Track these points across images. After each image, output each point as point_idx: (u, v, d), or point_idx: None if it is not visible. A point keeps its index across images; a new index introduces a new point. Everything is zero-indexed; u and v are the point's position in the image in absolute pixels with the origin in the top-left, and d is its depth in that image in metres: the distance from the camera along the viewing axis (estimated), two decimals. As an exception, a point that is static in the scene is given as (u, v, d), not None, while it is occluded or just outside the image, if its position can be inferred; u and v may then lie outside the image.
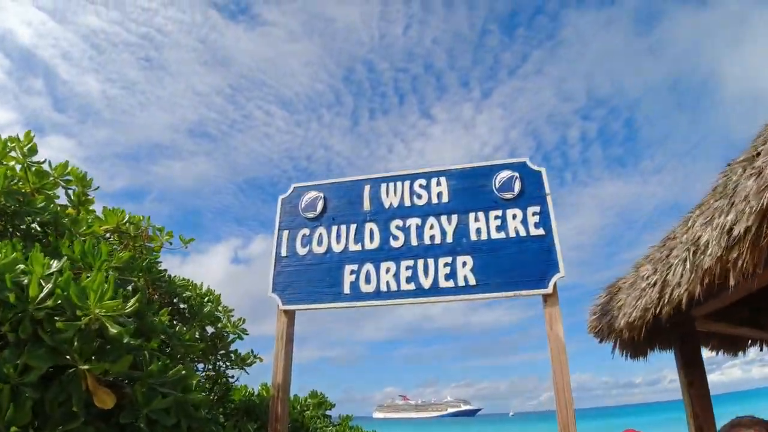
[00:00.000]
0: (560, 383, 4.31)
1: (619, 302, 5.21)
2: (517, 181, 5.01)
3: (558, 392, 4.30)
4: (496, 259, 4.73)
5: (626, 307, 5.01)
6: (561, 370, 4.35)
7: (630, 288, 5.14)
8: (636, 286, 5.03)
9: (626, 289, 5.21)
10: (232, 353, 5.98)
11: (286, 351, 5.00)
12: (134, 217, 4.92)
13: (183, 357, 4.64)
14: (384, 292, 4.83)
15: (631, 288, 5.11)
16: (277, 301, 5.14)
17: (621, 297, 5.21)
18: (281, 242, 5.40)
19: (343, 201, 5.42)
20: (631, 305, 4.94)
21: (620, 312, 5.12)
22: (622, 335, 5.29)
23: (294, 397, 6.95)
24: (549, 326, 4.48)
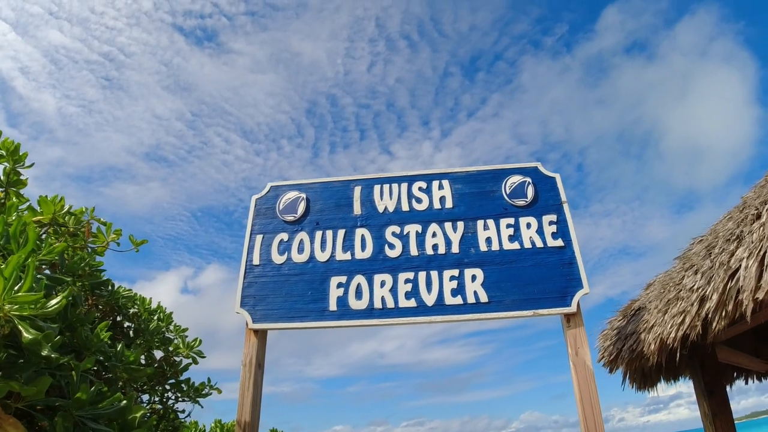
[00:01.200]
0: (591, 421, 3.63)
1: (642, 325, 4.64)
2: (530, 187, 4.43)
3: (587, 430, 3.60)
4: (510, 273, 4.06)
5: (646, 333, 4.44)
6: (591, 403, 3.67)
7: (652, 312, 4.59)
8: (657, 309, 4.50)
9: (647, 312, 4.67)
10: (183, 382, 4.98)
11: (255, 380, 4.09)
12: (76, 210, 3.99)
13: (125, 384, 3.67)
14: (378, 310, 4.05)
15: (652, 312, 4.56)
16: (246, 319, 4.25)
17: (641, 321, 4.65)
18: (253, 248, 4.54)
19: (329, 203, 4.65)
20: (652, 330, 4.38)
21: (640, 337, 4.55)
22: (638, 362, 4.72)
23: None
24: (573, 351, 3.82)
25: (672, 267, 5.06)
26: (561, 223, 4.24)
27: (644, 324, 4.59)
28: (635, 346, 4.64)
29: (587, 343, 3.84)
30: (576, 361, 3.77)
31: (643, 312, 4.79)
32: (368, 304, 4.07)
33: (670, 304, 4.28)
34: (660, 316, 4.33)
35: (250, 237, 4.60)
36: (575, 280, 4.00)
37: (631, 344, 4.75)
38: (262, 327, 4.19)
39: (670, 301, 4.29)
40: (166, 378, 4.98)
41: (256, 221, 4.68)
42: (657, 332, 4.30)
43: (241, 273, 4.44)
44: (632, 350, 4.72)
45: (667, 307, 4.43)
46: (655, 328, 4.31)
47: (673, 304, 4.23)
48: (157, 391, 4.95)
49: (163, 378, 5.00)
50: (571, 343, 3.82)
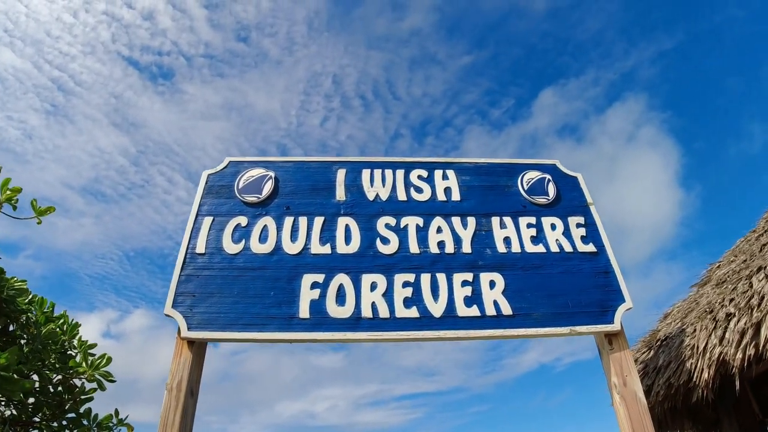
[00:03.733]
0: (648, 478, 2.62)
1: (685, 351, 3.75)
2: (550, 185, 3.56)
3: (644, 493, 2.58)
4: (537, 281, 3.07)
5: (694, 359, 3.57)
6: (647, 454, 2.67)
7: (678, 347, 3.76)
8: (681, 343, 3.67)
9: (687, 337, 3.81)
10: (83, 416, 3.49)
11: (184, 411, 2.75)
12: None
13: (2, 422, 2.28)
14: (367, 320, 2.88)
15: (677, 347, 3.73)
16: (178, 324, 2.95)
17: (683, 348, 3.78)
18: (198, 233, 3.28)
19: (303, 185, 3.52)
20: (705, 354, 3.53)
21: (685, 366, 3.67)
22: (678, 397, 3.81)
23: None
24: (620, 380, 2.84)
25: (692, 293, 4.38)
26: (590, 226, 3.37)
27: (688, 350, 3.74)
28: (676, 378, 3.75)
29: (635, 370, 2.88)
30: (625, 394, 2.79)
31: (678, 338, 3.96)
32: (354, 312, 2.90)
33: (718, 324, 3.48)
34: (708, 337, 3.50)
35: (195, 219, 3.35)
36: (615, 292, 3.08)
37: (669, 376, 3.87)
38: (200, 337, 2.90)
39: (719, 322, 3.50)
40: (64, 410, 3.50)
41: (205, 200, 3.45)
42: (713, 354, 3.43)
43: (179, 264, 3.15)
44: (670, 384, 3.84)
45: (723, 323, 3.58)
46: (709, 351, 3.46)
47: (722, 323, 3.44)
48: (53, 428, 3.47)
49: (60, 410, 3.51)
50: (616, 371, 2.85)
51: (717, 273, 4.36)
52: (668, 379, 3.92)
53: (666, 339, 4.10)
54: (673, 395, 3.86)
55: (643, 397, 2.80)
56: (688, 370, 3.64)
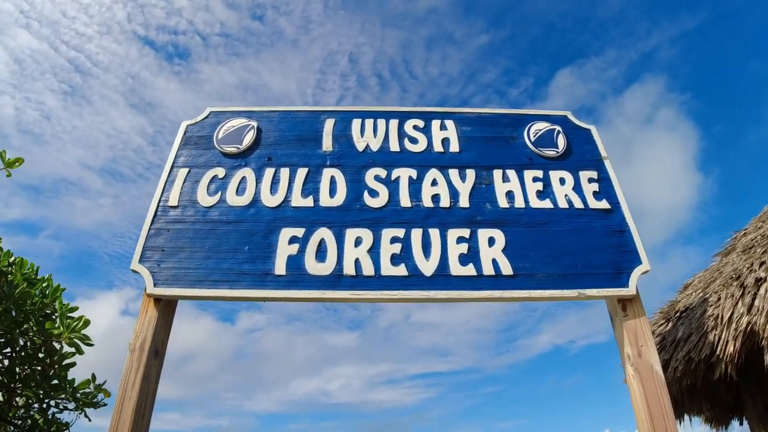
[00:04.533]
0: (664, 459, 2.24)
1: (708, 321, 3.34)
2: (560, 137, 3.14)
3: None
4: (542, 239, 2.69)
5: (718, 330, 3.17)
6: (665, 424, 2.29)
7: (700, 318, 3.35)
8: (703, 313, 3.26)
9: (710, 306, 3.40)
10: (69, 383, 3.23)
11: (147, 374, 2.45)
12: None
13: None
14: (349, 278, 2.53)
15: (699, 318, 3.32)
16: (145, 281, 2.65)
17: (706, 318, 3.38)
18: (171, 185, 2.93)
19: (288, 135, 3.15)
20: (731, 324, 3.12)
21: (708, 338, 3.27)
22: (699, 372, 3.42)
23: None
24: (635, 350, 2.45)
25: (715, 262, 3.95)
26: (604, 181, 2.95)
27: (711, 321, 3.32)
28: (697, 351, 3.34)
29: (652, 340, 2.49)
30: (640, 366, 2.40)
31: (700, 308, 3.54)
32: (335, 269, 2.55)
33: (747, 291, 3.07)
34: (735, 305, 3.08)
35: (170, 171, 3.01)
36: (630, 253, 2.68)
37: (689, 350, 3.46)
38: (167, 293, 2.57)
39: (747, 288, 3.08)
40: (47, 376, 3.25)
41: (182, 152, 3.11)
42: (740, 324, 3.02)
43: (149, 217, 2.82)
44: (690, 359, 3.43)
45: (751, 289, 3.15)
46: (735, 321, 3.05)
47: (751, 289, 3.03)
48: (39, 395, 3.24)
49: (43, 376, 3.27)
50: (630, 341, 2.46)
51: (743, 240, 3.92)
52: (688, 353, 3.49)
53: (686, 310, 3.68)
54: (692, 371, 3.45)
55: (660, 370, 2.41)
56: (710, 343, 3.23)
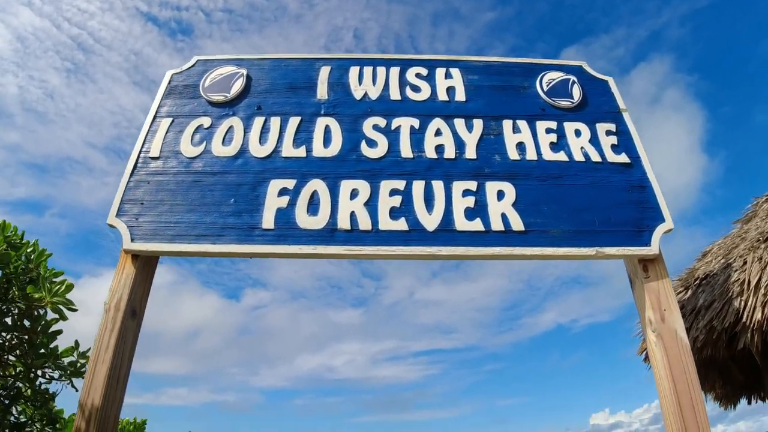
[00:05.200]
0: (691, 421, 1.98)
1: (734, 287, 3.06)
2: (575, 87, 2.82)
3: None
4: (556, 193, 2.38)
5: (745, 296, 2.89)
6: (690, 393, 2.02)
7: (723, 284, 3.06)
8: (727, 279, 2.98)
9: (735, 271, 3.11)
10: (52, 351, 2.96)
11: (121, 335, 2.18)
12: None
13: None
14: (344, 232, 2.23)
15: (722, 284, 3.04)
16: (121, 236, 2.37)
17: (731, 284, 3.09)
18: (153, 135, 2.63)
19: (280, 84, 2.82)
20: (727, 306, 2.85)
21: (732, 305, 2.99)
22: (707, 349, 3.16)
23: None
24: (657, 315, 2.18)
25: (735, 229, 3.67)
26: (622, 134, 2.64)
27: (737, 287, 3.04)
28: (720, 320, 3.07)
29: (676, 304, 2.21)
30: (663, 332, 2.13)
31: (723, 274, 3.26)
32: (328, 223, 2.26)
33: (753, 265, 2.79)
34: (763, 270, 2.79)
35: (152, 121, 2.70)
36: (652, 210, 2.38)
37: (711, 318, 3.18)
38: (144, 249, 2.29)
39: None
40: (34, 345, 2.99)
41: (165, 102, 2.79)
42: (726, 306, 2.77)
43: (128, 169, 2.52)
44: (712, 327, 3.16)
45: None
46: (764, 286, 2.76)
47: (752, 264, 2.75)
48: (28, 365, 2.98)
49: (31, 345, 3.00)
50: (652, 304, 2.18)
51: (765, 206, 3.63)
52: (710, 322, 3.21)
53: (707, 277, 3.39)
54: (714, 341, 3.18)
55: (685, 336, 2.13)
56: (735, 310, 2.96)
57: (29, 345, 2.98)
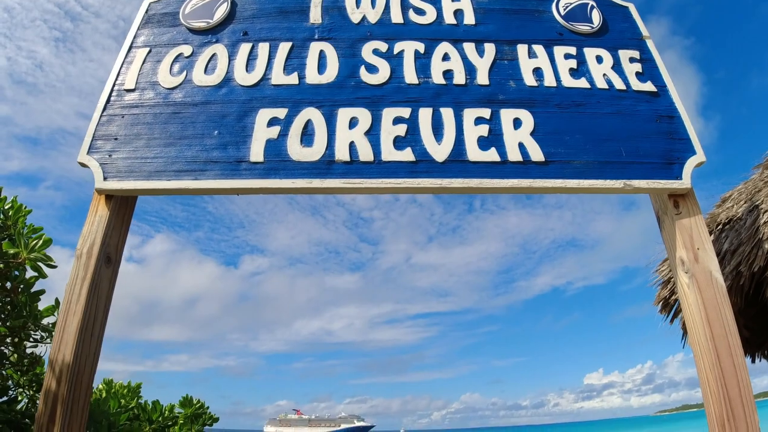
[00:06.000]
0: (729, 370, 1.74)
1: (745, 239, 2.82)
2: (594, 11, 2.46)
3: (724, 385, 1.72)
4: (579, 121, 2.06)
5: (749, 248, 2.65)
6: (728, 340, 1.77)
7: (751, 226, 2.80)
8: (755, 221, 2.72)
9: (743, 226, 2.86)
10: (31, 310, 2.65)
11: (95, 282, 1.87)
12: None
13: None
14: (342, 164, 1.91)
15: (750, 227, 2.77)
16: (94, 174, 2.05)
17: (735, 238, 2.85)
18: (129, 67, 2.26)
19: (268, 8, 2.41)
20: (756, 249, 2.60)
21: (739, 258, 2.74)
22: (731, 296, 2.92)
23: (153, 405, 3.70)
24: (690, 254, 1.91)
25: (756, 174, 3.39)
26: (647, 62, 2.30)
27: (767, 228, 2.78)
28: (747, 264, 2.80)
29: (710, 242, 1.94)
30: (697, 272, 1.86)
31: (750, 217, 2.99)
32: (324, 154, 1.93)
33: None
34: None
35: (127, 52, 2.34)
36: (682, 141, 2.08)
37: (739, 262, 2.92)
38: (120, 188, 1.97)
39: None
40: (16, 307, 2.68)
41: (142, 31, 2.40)
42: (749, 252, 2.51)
43: (101, 103, 2.17)
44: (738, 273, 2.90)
45: None
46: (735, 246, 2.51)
47: None
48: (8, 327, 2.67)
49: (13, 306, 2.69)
50: (684, 243, 1.90)
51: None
52: (737, 267, 2.94)
53: (731, 221, 3.11)
54: (740, 287, 2.93)
55: (721, 277, 1.86)
56: (766, 253, 2.70)
57: (12, 307, 2.69)
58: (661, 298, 3.59)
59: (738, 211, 2.96)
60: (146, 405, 3.43)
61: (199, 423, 3.83)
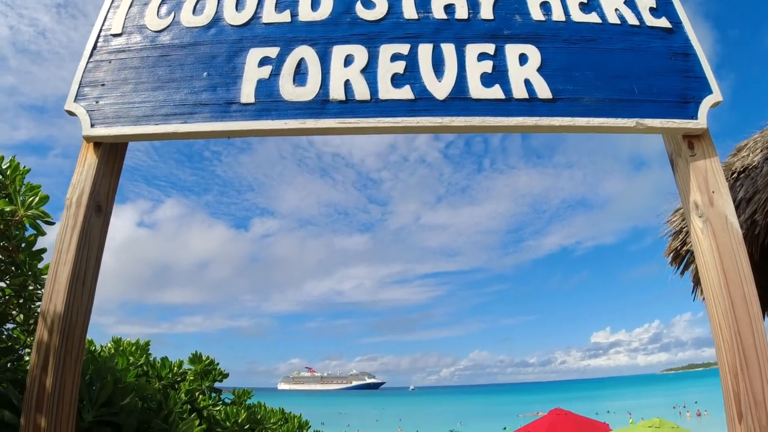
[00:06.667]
0: (744, 321, 1.62)
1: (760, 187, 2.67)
2: (605, -55, 2.26)
3: (738, 334, 1.61)
4: (589, 57, 1.87)
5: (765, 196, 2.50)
6: (743, 287, 1.65)
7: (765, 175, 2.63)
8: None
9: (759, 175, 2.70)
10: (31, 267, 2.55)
11: (85, 231, 1.76)
12: None
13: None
14: (337, 103, 1.74)
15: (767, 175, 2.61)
16: (81, 122, 1.91)
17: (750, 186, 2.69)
18: (115, 11, 2.06)
19: (259, -54, 2.27)
20: None
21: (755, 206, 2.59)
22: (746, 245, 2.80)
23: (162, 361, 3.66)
24: (705, 197, 1.76)
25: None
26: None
27: None
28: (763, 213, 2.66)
29: (726, 185, 1.79)
30: (711, 217, 1.71)
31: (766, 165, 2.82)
32: (318, 93, 1.77)
33: None
34: None
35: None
36: (698, 80, 1.89)
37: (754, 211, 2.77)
38: (107, 134, 1.83)
39: None
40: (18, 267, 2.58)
41: (126, -26, 2.24)
42: None
43: (87, 49, 2.01)
44: (753, 222, 2.75)
45: None
46: None
47: None
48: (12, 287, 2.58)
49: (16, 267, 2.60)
50: (699, 186, 1.75)
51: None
52: (751, 216, 2.77)
53: (746, 170, 2.93)
54: (755, 237, 2.78)
55: (737, 222, 1.71)
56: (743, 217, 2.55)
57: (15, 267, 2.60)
58: (671, 250, 3.44)
59: (754, 160, 2.78)
60: (155, 362, 3.37)
61: (209, 379, 3.78)
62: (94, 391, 2.36)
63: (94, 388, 2.39)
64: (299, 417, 3.92)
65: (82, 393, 2.25)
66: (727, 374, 1.60)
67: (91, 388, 2.38)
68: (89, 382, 2.40)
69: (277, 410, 3.69)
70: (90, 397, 2.32)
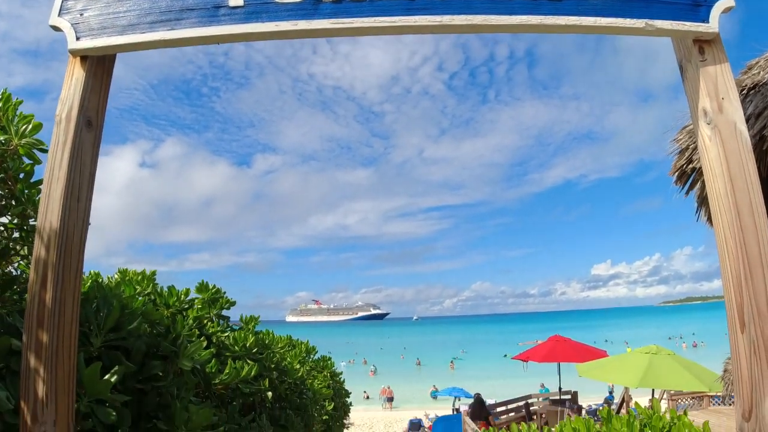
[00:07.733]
0: (750, 231, 1.52)
1: None
2: None
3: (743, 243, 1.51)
4: (597, -44, 1.74)
5: None
6: (750, 198, 1.53)
7: None
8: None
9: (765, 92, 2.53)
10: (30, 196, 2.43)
11: (76, 146, 1.65)
12: None
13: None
14: (330, 3, 1.51)
15: None
16: (66, 36, 1.76)
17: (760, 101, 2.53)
18: None
19: None
20: None
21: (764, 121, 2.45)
22: None
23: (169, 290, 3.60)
24: (714, 103, 1.61)
25: None
26: None
27: None
28: None
29: (736, 92, 1.64)
30: (720, 124, 1.57)
31: None
32: (313, -8, 1.63)
33: None
34: None
35: None
36: (712, -18, 1.73)
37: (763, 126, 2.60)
38: (93, 45, 1.68)
39: None
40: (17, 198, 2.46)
41: None
42: None
43: (68, -38, 1.85)
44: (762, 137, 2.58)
45: None
46: None
47: None
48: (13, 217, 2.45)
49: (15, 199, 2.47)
50: (708, 92, 1.60)
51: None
52: (760, 131, 2.60)
53: (756, 86, 2.74)
54: (764, 152, 2.65)
55: (746, 130, 1.57)
56: None
57: (15, 200, 2.49)
58: (677, 168, 3.30)
59: (765, 76, 2.60)
60: (162, 290, 3.30)
61: (216, 306, 3.72)
62: (101, 317, 2.31)
63: (101, 315, 2.33)
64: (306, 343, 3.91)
65: (90, 319, 2.19)
66: (731, 285, 1.50)
67: (98, 314, 2.32)
68: (96, 309, 2.34)
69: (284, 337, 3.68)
70: (98, 323, 2.26)
